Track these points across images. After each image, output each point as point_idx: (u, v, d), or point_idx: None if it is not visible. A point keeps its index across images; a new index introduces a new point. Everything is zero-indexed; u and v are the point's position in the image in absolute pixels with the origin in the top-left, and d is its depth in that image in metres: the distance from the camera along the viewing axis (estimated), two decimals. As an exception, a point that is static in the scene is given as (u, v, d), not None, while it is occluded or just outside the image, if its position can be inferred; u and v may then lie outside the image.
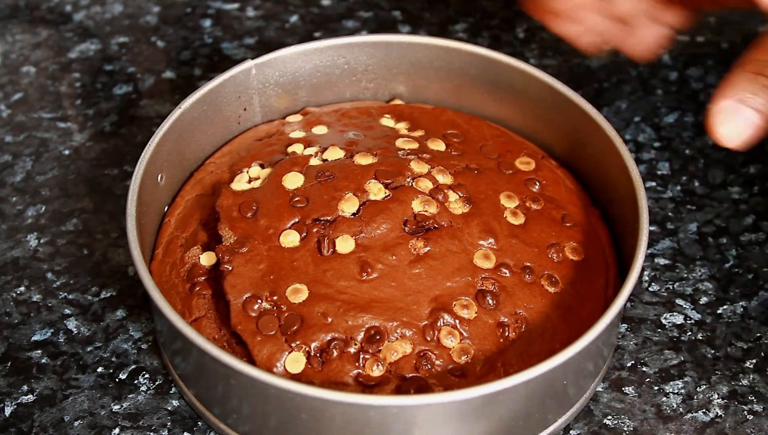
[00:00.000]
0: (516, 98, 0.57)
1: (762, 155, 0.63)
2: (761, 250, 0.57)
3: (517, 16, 0.75)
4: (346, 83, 0.59)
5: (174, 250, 0.50)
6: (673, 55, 0.71)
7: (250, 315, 0.45)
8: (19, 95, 0.69)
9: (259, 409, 0.44)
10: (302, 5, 0.77)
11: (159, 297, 0.43)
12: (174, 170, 0.54)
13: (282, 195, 0.49)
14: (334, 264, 0.46)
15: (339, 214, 0.48)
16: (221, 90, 0.55)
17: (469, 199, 0.50)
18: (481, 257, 0.47)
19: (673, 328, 0.53)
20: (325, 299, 0.45)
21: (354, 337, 0.44)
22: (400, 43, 0.58)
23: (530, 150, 0.55)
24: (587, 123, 0.52)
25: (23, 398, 0.50)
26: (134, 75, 0.71)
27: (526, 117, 0.57)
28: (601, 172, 0.53)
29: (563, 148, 0.56)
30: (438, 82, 0.59)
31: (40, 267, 0.57)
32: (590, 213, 0.52)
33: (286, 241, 0.47)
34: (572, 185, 0.54)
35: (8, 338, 0.53)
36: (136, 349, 0.52)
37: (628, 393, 0.50)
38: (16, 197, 0.61)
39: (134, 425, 0.49)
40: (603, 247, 0.51)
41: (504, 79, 0.56)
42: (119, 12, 0.77)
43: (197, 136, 0.55)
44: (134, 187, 0.48)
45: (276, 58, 0.57)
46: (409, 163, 0.50)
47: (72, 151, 0.64)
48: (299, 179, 0.50)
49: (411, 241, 0.47)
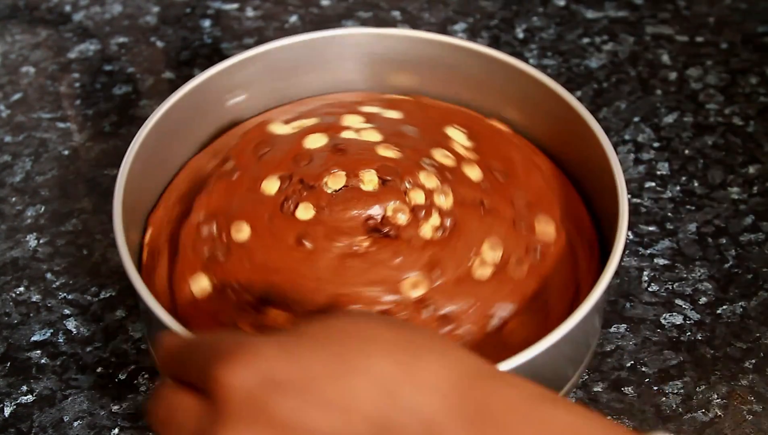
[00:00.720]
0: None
1: (762, 155, 0.63)
2: (761, 250, 0.57)
3: (516, 16, 0.75)
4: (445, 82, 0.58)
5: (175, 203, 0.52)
6: (672, 55, 0.71)
7: (198, 232, 0.48)
8: (19, 95, 0.69)
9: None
10: (302, 5, 0.77)
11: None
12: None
13: (294, 150, 0.51)
14: (283, 223, 0.47)
15: (322, 185, 0.48)
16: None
17: (447, 230, 0.47)
18: (410, 285, 0.46)
19: (673, 328, 0.53)
20: (258, 249, 0.47)
21: (252, 292, 0.46)
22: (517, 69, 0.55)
23: (559, 218, 0.50)
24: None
25: (23, 398, 0.50)
26: (134, 75, 0.71)
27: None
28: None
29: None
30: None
31: (40, 267, 0.57)
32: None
33: (267, 187, 0.49)
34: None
35: (8, 338, 0.53)
36: (136, 350, 0.52)
37: (627, 393, 0.50)
38: (15, 197, 0.61)
39: (134, 425, 0.49)
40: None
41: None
42: (119, 12, 0.77)
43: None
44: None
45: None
46: (419, 171, 0.49)
47: (71, 151, 0.64)
48: (320, 141, 0.51)
49: (359, 237, 0.47)
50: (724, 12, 0.75)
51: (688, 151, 0.63)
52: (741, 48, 0.71)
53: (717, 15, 0.74)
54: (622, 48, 0.71)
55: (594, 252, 0.49)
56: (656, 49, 0.71)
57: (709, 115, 0.66)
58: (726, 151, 0.63)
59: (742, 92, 0.67)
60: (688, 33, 0.73)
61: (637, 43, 0.72)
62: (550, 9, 0.76)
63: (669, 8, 0.75)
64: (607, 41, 0.72)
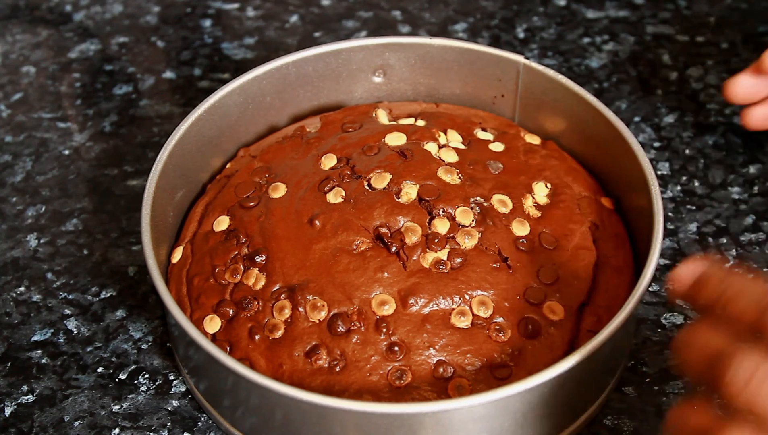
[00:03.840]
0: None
1: (762, 155, 0.63)
2: (761, 250, 0.57)
3: (517, 16, 0.75)
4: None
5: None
6: (673, 54, 0.71)
7: (252, 178, 0.53)
8: (19, 95, 0.69)
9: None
10: (302, 5, 0.77)
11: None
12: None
13: (372, 139, 0.53)
14: (311, 199, 0.49)
15: (365, 179, 0.50)
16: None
17: (451, 268, 0.47)
18: (378, 302, 0.46)
19: (673, 328, 0.53)
20: (277, 211, 0.50)
21: (250, 246, 0.49)
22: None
23: (574, 309, 0.48)
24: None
25: (23, 398, 0.50)
26: (134, 75, 0.71)
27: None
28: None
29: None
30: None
31: (40, 267, 0.57)
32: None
33: (325, 161, 0.52)
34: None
35: (8, 338, 0.53)
36: (136, 349, 0.52)
37: (628, 393, 0.50)
38: (16, 197, 0.61)
39: (134, 425, 0.49)
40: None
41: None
42: (119, 12, 0.77)
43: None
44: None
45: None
46: (460, 206, 0.48)
47: (72, 151, 0.64)
48: (398, 141, 0.52)
49: (363, 238, 0.47)
50: (724, 12, 0.75)
51: (689, 151, 0.63)
52: (741, 48, 0.71)
53: (717, 15, 0.74)
54: (623, 48, 0.71)
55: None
56: (657, 48, 0.71)
57: (709, 115, 0.66)
58: (726, 151, 0.63)
59: (743, 92, 0.67)
60: (688, 33, 0.73)
61: (638, 42, 0.72)
62: (551, 9, 0.76)
63: (669, 8, 0.75)
64: (607, 41, 0.72)
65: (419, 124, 0.55)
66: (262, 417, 0.45)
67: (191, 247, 0.51)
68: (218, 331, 0.47)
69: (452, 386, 0.44)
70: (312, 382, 0.44)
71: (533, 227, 0.49)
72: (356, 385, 0.44)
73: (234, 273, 0.48)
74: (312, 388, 0.44)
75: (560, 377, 0.41)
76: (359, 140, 0.53)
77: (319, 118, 0.57)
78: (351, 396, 0.44)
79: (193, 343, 0.43)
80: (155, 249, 0.47)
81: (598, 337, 0.42)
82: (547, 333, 0.46)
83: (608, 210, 0.52)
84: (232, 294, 0.48)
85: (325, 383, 0.44)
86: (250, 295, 0.47)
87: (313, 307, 0.46)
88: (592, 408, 0.47)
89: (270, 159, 0.54)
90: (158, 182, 0.49)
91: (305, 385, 0.44)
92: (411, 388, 0.44)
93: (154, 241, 0.47)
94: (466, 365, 0.45)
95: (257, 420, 0.45)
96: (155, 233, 0.48)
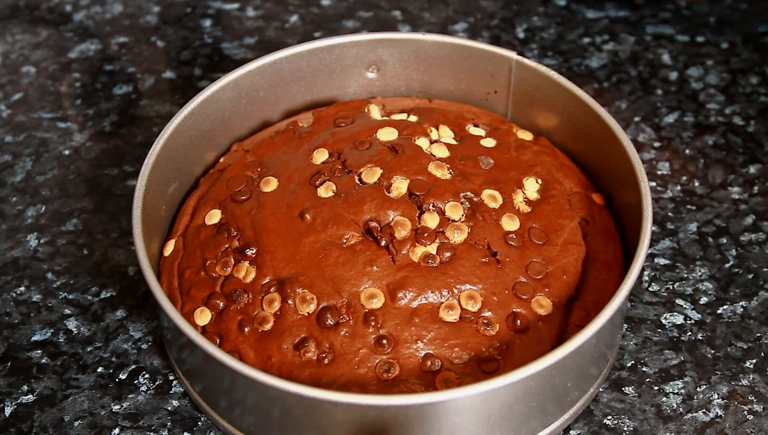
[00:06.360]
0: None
1: (762, 155, 0.63)
2: (761, 250, 0.57)
3: (517, 16, 0.75)
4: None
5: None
6: (673, 55, 0.71)
7: (243, 172, 0.53)
8: (19, 95, 0.69)
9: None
10: (302, 5, 0.77)
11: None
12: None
13: (363, 133, 0.53)
14: (302, 193, 0.50)
15: (356, 174, 0.50)
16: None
17: (440, 262, 0.47)
18: (367, 295, 0.46)
19: (673, 328, 0.53)
20: (268, 205, 0.50)
21: (241, 239, 0.49)
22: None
23: (562, 302, 0.48)
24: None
25: (23, 398, 0.50)
26: (134, 75, 0.71)
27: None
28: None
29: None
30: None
31: (40, 267, 0.57)
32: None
33: (317, 156, 0.52)
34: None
35: (8, 338, 0.53)
36: (136, 349, 0.52)
37: (628, 393, 0.50)
38: (16, 197, 0.61)
39: (134, 425, 0.49)
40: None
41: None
42: (119, 12, 0.77)
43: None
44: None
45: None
46: (450, 201, 0.49)
47: (72, 151, 0.64)
48: (390, 136, 0.52)
49: (353, 232, 0.48)
50: (724, 12, 0.75)
51: (689, 151, 0.63)
52: (741, 48, 0.71)
53: (717, 15, 0.74)
54: (623, 48, 0.71)
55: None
56: (657, 48, 0.71)
57: (709, 115, 0.66)
58: (726, 151, 0.63)
59: (743, 92, 0.67)
60: (688, 33, 0.73)
61: (638, 42, 0.72)
62: (551, 9, 0.76)
63: (669, 8, 0.75)
64: (607, 41, 0.72)
65: (412, 120, 0.55)
66: (259, 415, 0.45)
67: (183, 240, 0.51)
68: (208, 323, 0.47)
69: (440, 379, 0.45)
70: (300, 375, 0.45)
71: (523, 222, 0.49)
72: (344, 377, 0.44)
73: (225, 266, 0.49)
74: (300, 381, 0.44)
75: (547, 370, 0.41)
76: (351, 135, 0.53)
77: (312, 113, 0.57)
78: (339, 388, 0.44)
79: (182, 334, 0.43)
80: (147, 242, 0.47)
81: (584, 332, 0.42)
82: (535, 327, 0.47)
83: (599, 206, 0.53)
84: (223, 286, 0.48)
85: (313, 375, 0.45)
86: (240, 288, 0.47)
87: (303, 300, 0.46)
88: (580, 402, 0.48)
89: (262, 153, 0.55)
90: (150, 175, 0.49)
91: (294, 378, 0.44)
92: (399, 380, 0.45)
93: (146, 234, 0.47)
94: (454, 359, 0.45)
95: (254, 418, 0.45)
96: (147, 226, 0.48)
